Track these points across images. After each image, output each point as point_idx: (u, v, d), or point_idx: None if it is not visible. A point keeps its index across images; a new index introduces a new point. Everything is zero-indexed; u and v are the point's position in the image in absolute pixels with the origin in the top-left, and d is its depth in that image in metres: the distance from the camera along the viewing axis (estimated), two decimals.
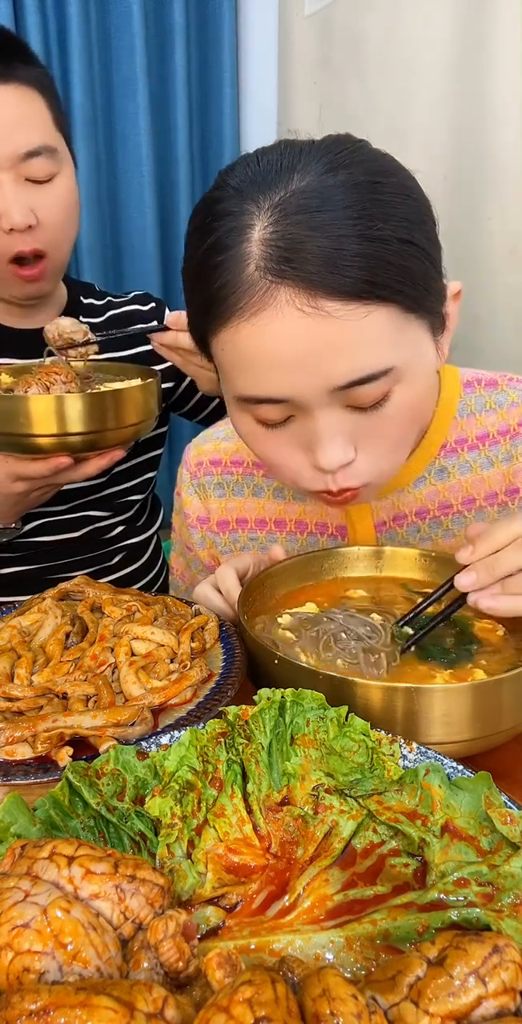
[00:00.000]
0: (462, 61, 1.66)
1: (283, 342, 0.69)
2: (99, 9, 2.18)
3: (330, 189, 0.67)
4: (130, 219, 2.35)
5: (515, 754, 0.70)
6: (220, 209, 0.71)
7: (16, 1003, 0.34)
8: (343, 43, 2.02)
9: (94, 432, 0.97)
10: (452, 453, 0.94)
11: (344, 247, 0.66)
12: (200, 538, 1.08)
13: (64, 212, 1.13)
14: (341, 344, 0.68)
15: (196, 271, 0.74)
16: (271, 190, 0.69)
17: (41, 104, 1.09)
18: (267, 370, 0.71)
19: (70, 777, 0.52)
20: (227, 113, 2.43)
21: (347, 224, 0.66)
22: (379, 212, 0.67)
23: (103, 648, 0.74)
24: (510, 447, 0.93)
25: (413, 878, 0.50)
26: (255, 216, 0.69)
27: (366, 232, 0.66)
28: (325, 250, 0.66)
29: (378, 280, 0.67)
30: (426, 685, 0.66)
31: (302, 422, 0.75)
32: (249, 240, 0.69)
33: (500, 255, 1.66)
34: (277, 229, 0.67)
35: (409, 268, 0.69)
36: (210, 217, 0.72)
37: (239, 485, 1.04)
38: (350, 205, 0.66)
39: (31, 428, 0.93)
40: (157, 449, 1.39)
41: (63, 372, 1.01)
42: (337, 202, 0.67)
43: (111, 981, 0.37)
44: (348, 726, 0.58)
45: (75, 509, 1.27)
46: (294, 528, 1.02)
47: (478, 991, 0.36)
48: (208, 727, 0.58)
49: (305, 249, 0.66)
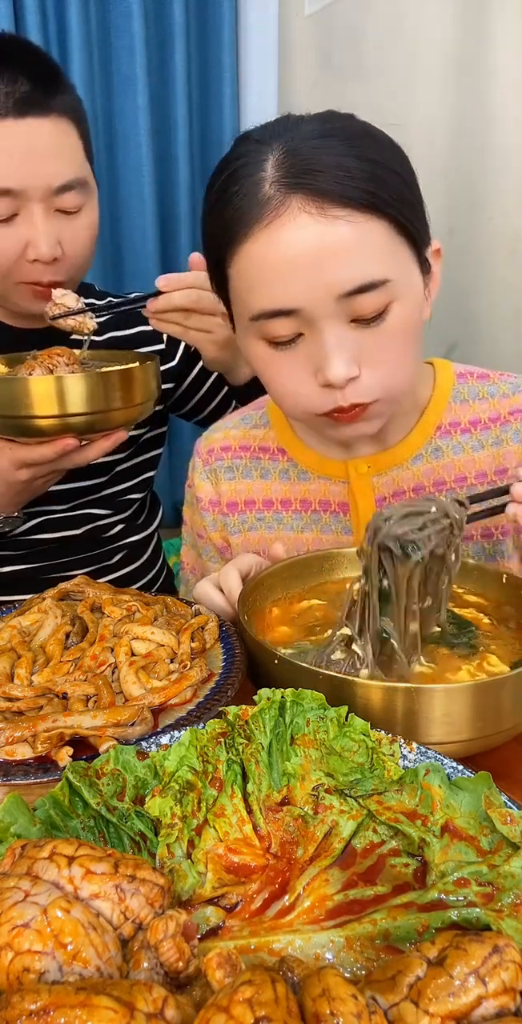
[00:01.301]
0: (462, 60, 1.66)
1: (295, 245, 0.77)
2: (99, 9, 2.18)
3: (330, 131, 0.79)
4: (130, 219, 2.34)
5: (515, 754, 0.70)
6: (236, 152, 0.82)
7: (16, 1003, 0.34)
8: (343, 43, 2.02)
9: (96, 412, 0.97)
10: (446, 435, 1.00)
11: (349, 164, 0.76)
12: (212, 520, 1.11)
13: (88, 243, 1.14)
14: (346, 249, 0.77)
15: (213, 201, 0.84)
16: (281, 137, 0.80)
17: (75, 135, 1.10)
18: (280, 279, 0.79)
19: (70, 777, 0.52)
20: (227, 113, 2.42)
21: (350, 149, 0.77)
22: (375, 147, 0.80)
23: (103, 648, 0.74)
24: (500, 432, 1.00)
25: (413, 878, 0.50)
26: (269, 152, 0.79)
27: (366, 155, 0.78)
28: (334, 164, 0.76)
29: (378, 193, 0.77)
30: (426, 685, 0.66)
31: (310, 340, 0.81)
32: (264, 168, 0.79)
33: (500, 254, 1.65)
34: (288, 153, 0.78)
35: (401, 192, 0.80)
36: (227, 160, 0.83)
37: (248, 468, 1.08)
38: (349, 139, 0.78)
39: (32, 410, 0.93)
40: (157, 449, 1.39)
41: (65, 355, 1.01)
42: (339, 138, 0.78)
43: (111, 981, 0.37)
44: (348, 726, 0.58)
45: (75, 508, 1.27)
46: (299, 507, 1.06)
47: (478, 991, 0.36)
48: (208, 727, 0.58)
49: (316, 164, 0.76)
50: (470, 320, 1.70)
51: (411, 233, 0.81)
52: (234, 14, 2.36)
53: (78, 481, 1.24)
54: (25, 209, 1.06)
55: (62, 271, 1.11)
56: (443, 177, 1.74)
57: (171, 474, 2.41)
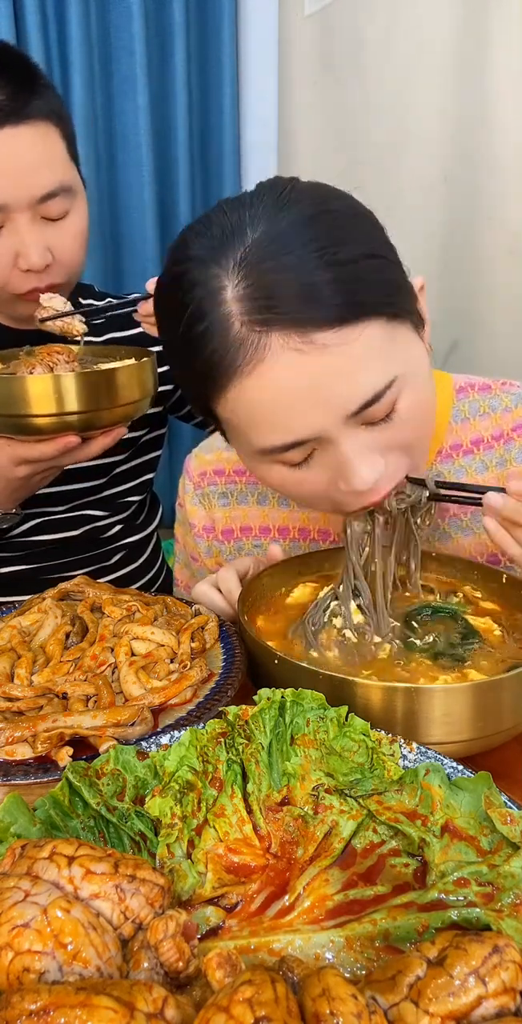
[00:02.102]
0: (462, 61, 1.66)
1: (288, 383, 0.70)
2: (99, 9, 2.18)
3: (284, 232, 0.69)
4: (130, 219, 2.35)
5: (515, 754, 0.70)
6: (188, 281, 0.72)
7: (16, 1003, 0.34)
8: (343, 43, 2.02)
9: (95, 410, 0.96)
10: (447, 459, 0.96)
11: (316, 279, 0.68)
12: (206, 547, 1.08)
13: (78, 245, 1.13)
14: (343, 369, 0.70)
15: (182, 348, 0.75)
16: (230, 249, 0.70)
17: (56, 138, 1.07)
18: (281, 415, 0.73)
19: (70, 777, 0.52)
20: (227, 113, 2.42)
21: (312, 257, 0.68)
22: (337, 236, 0.70)
23: (103, 648, 0.74)
24: (504, 451, 0.94)
25: (413, 878, 0.50)
26: (224, 277, 0.70)
27: (332, 259, 0.68)
28: (300, 287, 0.68)
29: (358, 299, 0.69)
30: (426, 685, 0.66)
31: (326, 451, 0.75)
32: (224, 301, 0.70)
33: (499, 255, 1.66)
34: (249, 282, 0.69)
35: (381, 279, 0.72)
36: (180, 292, 0.73)
37: (243, 494, 1.05)
38: (308, 241, 0.68)
39: (30, 408, 0.93)
40: (156, 451, 1.39)
41: (65, 352, 1.01)
42: (295, 241, 0.68)
43: (111, 981, 0.37)
44: (348, 726, 0.58)
45: (73, 509, 1.27)
46: (297, 535, 1.03)
47: (478, 991, 0.36)
48: (208, 727, 0.58)
49: (281, 292, 0.68)
50: (470, 320, 1.70)
51: (403, 309, 0.75)
52: (234, 14, 2.37)
53: (76, 483, 1.24)
54: (10, 221, 1.05)
55: (56, 275, 1.11)
56: (443, 178, 1.74)
57: (171, 475, 2.41)
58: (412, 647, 0.75)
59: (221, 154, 2.47)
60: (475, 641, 0.75)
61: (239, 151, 2.49)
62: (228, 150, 2.46)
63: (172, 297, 0.75)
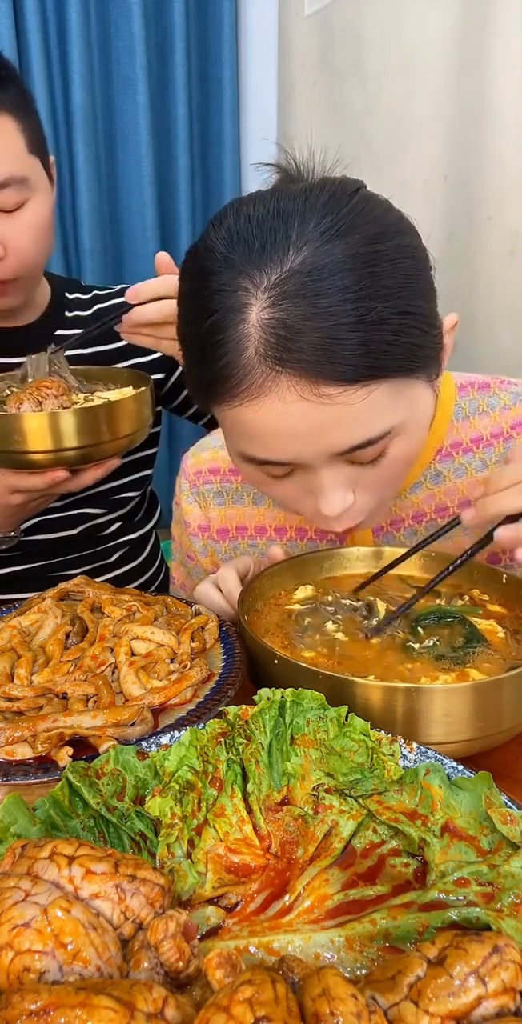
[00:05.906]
0: (462, 61, 1.66)
1: (286, 423, 0.71)
2: (99, 9, 2.18)
3: (326, 268, 0.65)
4: (130, 219, 2.35)
5: (515, 754, 0.70)
6: (214, 283, 0.70)
7: (16, 1003, 0.34)
8: (343, 43, 2.02)
9: (88, 446, 0.96)
10: (447, 457, 0.96)
11: (343, 336, 0.65)
12: (202, 546, 1.08)
13: (34, 238, 1.11)
14: (343, 419, 0.70)
15: (198, 345, 0.74)
16: (266, 266, 0.67)
17: (13, 129, 1.06)
18: (272, 440, 0.73)
19: (70, 777, 0.52)
20: (227, 113, 2.43)
21: (346, 309, 0.65)
22: (378, 289, 0.66)
23: (103, 648, 0.74)
24: (503, 449, 0.94)
25: (413, 878, 0.50)
26: (251, 295, 0.68)
27: (365, 317, 0.66)
28: (324, 340, 0.65)
29: (378, 364, 0.68)
30: (426, 685, 0.66)
31: (307, 473, 0.77)
32: (246, 321, 0.68)
33: (499, 255, 1.65)
34: (275, 314, 0.67)
35: (409, 342, 0.69)
36: (207, 289, 0.71)
37: (239, 493, 1.05)
38: (347, 286, 0.65)
39: (25, 445, 0.93)
40: (152, 448, 1.39)
41: (54, 386, 0.99)
42: (335, 283, 0.65)
43: (111, 981, 0.37)
44: (348, 726, 0.58)
45: (71, 507, 1.27)
46: (294, 535, 1.03)
47: (478, 991, 0.36)
48: (208, 727, 0.58)
49: (304, 338, 0.66)
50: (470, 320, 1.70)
51: (421, 367, 0.73)
52: (234, 14, 2.37)
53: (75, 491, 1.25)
54: None
55: (10, 268, 1.10)
56: (443, 177, 1.74)
57: (170, 473, 2.41)
58: (411, 651, 0.75)
59: (221, 154, 2.47)
60: (478, 645, 0.75)
61: (239, 151, 2.49)
62: (228, 150, 2.46)
63: (199, 289, 0.72)
